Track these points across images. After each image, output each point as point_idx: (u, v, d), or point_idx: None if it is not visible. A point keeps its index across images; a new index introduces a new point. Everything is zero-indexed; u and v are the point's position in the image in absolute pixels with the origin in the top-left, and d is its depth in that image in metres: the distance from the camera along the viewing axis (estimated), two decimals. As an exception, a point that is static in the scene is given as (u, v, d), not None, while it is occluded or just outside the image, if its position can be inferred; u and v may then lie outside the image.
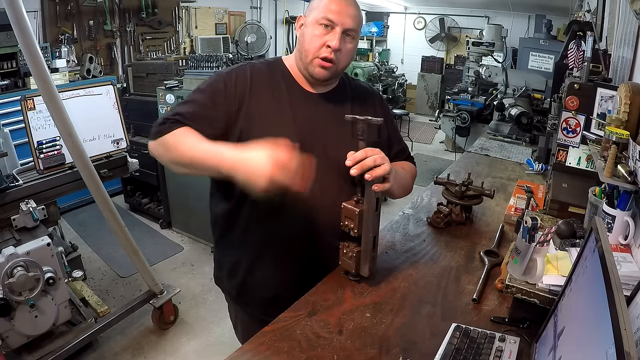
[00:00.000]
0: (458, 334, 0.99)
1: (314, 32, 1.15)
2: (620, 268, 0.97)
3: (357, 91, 1.34)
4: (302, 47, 1.19)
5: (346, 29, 1.15)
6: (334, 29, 1.14)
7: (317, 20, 1.15)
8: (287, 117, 1.19)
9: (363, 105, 1.31)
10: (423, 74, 8.99)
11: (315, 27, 1.15)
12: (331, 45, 1.14)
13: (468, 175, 1.66)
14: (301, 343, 1.00)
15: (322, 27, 1.14)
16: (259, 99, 1.18)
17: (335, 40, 1.14)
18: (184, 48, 5.72)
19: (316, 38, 1.15)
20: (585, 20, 3.21)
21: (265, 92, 1.20)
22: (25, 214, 2.07)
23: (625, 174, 1.09)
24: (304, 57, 1.18)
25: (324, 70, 1.17)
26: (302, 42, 1.19)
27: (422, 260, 1.38)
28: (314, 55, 1.16)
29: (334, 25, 1.14)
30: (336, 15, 1.13)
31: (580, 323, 0.73)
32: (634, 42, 1.63)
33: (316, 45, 1.15)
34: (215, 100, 1.16)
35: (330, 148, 1.21)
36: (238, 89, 1.17)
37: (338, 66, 1.19)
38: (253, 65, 1.25)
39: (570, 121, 1.71)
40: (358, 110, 1.27)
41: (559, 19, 6.26)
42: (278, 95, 1.21)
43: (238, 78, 1.19)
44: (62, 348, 2.05)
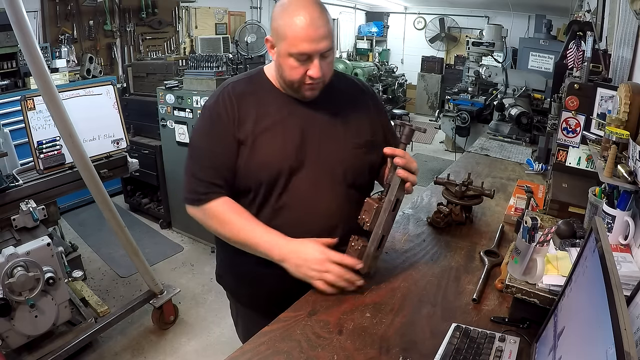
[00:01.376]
0: (458, 334, 0.99)
1: (291, 64, 1.11)
2: (620, 268, 0.97)
3: (346, 91, 1.31)
4: (284, 75, 1.15)
5: (324, 51, 1.10)
6: (311, 58, 1.10)
7: (290, 53, 1.09)
8: (279, 129, 1.18)
9: (354, 105, 1.29)
10: (423, 74, 8.99)
11: (290, 59, 1.10)
12: (313, 76, 1.11)
13: (468, 175, 1.66)
14: (301, 343, 1.00)
15: (298, 60, 1.10)
16: (250, 119, 1.17)
17: (316, 69, 1.10)
18: (184, 48, 5.72)
19: (295, 70, 1.11)
20: (585, 20, 3.21)
21: (254, 110, 1.18)
22: (25, 214, 2.07)
23: (625, 174, 1.09)
24: (289, 83, 1.16)
25: (313, 90, 1.16)
26: (281, 70, 1.15)
27: (422, 260, 1.38)
28: (299, 83, 1.14)
29: (311, 56, 1.09)
30: (310, 46, 1.07)
31: (580, 323, 0.73)
32: (634, 42, 1.63)
33: (297, 76, 1.12)
34: (219, 137, 1.18)
35: (324, 152, 1.20)
36: (230, 118, 1.17)
37: (325, 81, 1.17)
38: (235, 84, 1.23)
39: (570, 121, 1.71)
40: (349, 110, 1.26)
41: (559, 19, 6.26)
42: (267, 110, 1.19)
43: (227, 106, 1.18)
44: (62, 348, 2.05)
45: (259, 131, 1.17)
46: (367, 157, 1.27)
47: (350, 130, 1.25)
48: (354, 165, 1.24)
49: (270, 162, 1.17)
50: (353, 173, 1.24)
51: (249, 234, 1.17)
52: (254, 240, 1.16)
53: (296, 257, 1.13)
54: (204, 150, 1.20)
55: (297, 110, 1.21)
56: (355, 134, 1.25)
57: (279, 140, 1.17)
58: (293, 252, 1.14)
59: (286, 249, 1.14)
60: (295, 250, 1.14)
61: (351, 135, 1.24)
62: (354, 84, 1.36)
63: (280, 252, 1.15)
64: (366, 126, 1.28)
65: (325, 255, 1.13)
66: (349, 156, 1.23)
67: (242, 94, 1.20)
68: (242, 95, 1.20)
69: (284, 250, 1.14)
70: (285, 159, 1.17)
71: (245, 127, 1.16)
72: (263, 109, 1.19)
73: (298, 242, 1.15)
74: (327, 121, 1.22)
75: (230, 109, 1.18)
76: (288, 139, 1.18)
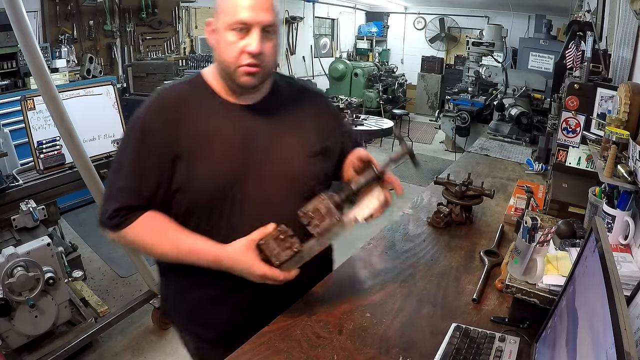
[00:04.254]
0: (458, 334, 0.99)
1: (228, 39, 0.98)
2: (620, 268, 0.97)
3: (296, 95, 1.18)
4: (220, 58, 1.02)
5: (264, 25, 0.98)
6: (250, 30, 0.97)
7: (228, 24, 0.97)
8: (222, 140, 1.04)
9: (305, 110, 1.16)
10: (423, 74, 8.99)
11: (228, 33, 0.98)
12: (251, 51, 0.97)
13: (468, 175, 1.66)
14: (301, 343, 1.00)
15: (236, 31, 0.97)
16: (188, 130, 1.02)
17: (255, 43, 0.97)
18: (184, 48, 5.71)
19: (232, 46, 0.98)
20: (585, 20, 3.21)
21: (191, 120, 1.03)
22: (25, 214, 2.07)
23: (625, 174, 1.09)
24: (226, 67, 1.02)
25: (251, 77, 1.01)
26: (219, 51, 1.02)
27: (422, 260, 1.38)
28: (236, 64, 0.99)
29: (250, 26, 0.97)
30: (249, 13, 0.96)
31: (580, 323, 0.73)
32: (634, 42, 1.63)
33: (234, 53, 0.98)
34: (149, 154, 1.02)
35: (274, 164, 1.07)
36: (164, 129, 1.02)
37: (265, 69, 1.02)
38: (169, 91, 1.09)
39: (570, 121, 1.71)
40: (300, 115, 1.14)
41: (559, 19, 6.27)
42: (207, 119, 1.05)
43: (159, 116, 1.03)
44: (62, 348, 2.05)
45: (199, 144, 1.02)
46: (323, 165, 1.14)
47: (302, 137, 1.12)
48: (309, 176, 1.11)
49: (214, 178, 1.02)
50: (308, 184, 1.10)
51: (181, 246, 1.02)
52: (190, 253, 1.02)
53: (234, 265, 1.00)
54: (130, 167, 1.03)
55: (241, 117, 1.06)
56: (308, 141, 1.12)
57: (223, 153, 1.03)
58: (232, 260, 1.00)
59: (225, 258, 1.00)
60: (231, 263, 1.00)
61: (303, 142, 1.12)
62: (303, 87, 1.24)
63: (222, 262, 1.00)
64: (319, 132, 1.15)
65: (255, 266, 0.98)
66: (303, 166, 1.10)
67: (177, 101, 1.05)
68: (178, 103, 1.05)
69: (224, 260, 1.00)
70: (231, 174, 1.03)
71: (182, 140, 1.01)
72: (202, 118, 1.04)
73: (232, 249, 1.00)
74: (276, 129, 1.09)
75: (163, 120, 1.02)
76: (233, 151, 1.04)
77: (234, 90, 1.07)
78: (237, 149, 1.05)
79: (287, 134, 1.11)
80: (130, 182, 1.03)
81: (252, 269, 0.97)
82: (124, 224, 1.02)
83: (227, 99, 1.07)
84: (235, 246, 0.99)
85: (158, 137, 1.02)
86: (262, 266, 0.97)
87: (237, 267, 0.99)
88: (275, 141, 1.09)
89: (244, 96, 1.08)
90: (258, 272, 0.97)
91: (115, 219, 1.02)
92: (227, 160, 1.04)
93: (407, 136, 6.84)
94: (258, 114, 1.08)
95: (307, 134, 1.14)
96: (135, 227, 1.03)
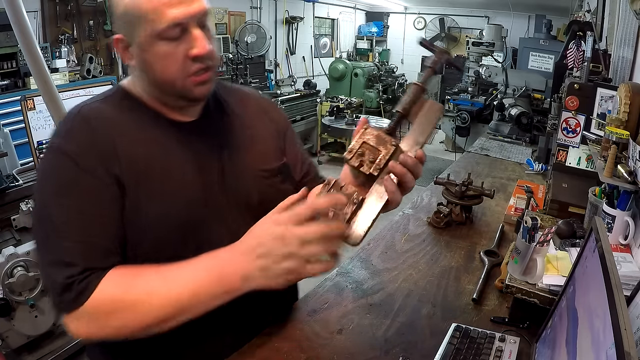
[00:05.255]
0: (458, 334, 0.99)
1: (162, 51, 0.76)
2: (620, 268, 0.97)
3: (238, 101, 0.99)
4: (156, 77, 0.79)
5: (201, 16, 0.78)
6: (187, 29, 0.76)
7: (157, 33, 0.74)
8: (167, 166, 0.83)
9: (257, 122, 0.99)
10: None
11: (160, 43, 0.75)
12: (199, 53, 0.77)
13: (468, 175, 1.66)
14: (301, 343, 1.00)
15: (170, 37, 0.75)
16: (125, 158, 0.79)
17: (200, 42, 0.77)
18: (184, 48, 5.71)
19: (170, 57, 0.76)
20: (585, 20, 3.21)
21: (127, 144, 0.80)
22: (25, 214, 2.07)
23: (625, 174, 1.09)
24: (169, 86, 0.80)
25: (205, 85, 0.82)
26: (151, 71, 0.79)
27: (422, 260, 1.38)
28: (183, 77, 0.78)
29: (185, 25, 0.76)
30: (180, 9, 0.74)
31: (580, 323, 0.73)
32: (634, 42, 1.63)
33: (177, 66, 0.77)
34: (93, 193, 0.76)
35: (234, 189, 0.89)
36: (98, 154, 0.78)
37: (215, 69, 0.84)
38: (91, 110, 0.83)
39: (570, 121, 1.71)
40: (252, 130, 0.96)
41: (559, 19, 6.26)
42: (145, 142, 0.82)
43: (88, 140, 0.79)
44: (62, 348, 2.05)
45: (142, 177, 0.80)
46: (284, 185, 0.97)
47: (258, 154, 0.95)
48: (271, 200, 0.83)
49: (169, 220, 0.81)
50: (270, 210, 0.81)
51: (180, 283, 0.72)
52: (194, 286, 0.72)
53: (252, 256, 0.71)
54: (67, 217, 0.75)
55: (188, 139, 0.86)
56: (265, 158, 0.96)
57: (174, 189, 0.82)
58: (244, 253, 0.72)
59: (235, 257, 0.72)
60: (245, 250, 0.72)
61: (261, 160, 0.95)
62: (243, 92, 1.05)
63: (234, 266, 0.72)
64: (276, 147, 1.00)
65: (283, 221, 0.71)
66: (264, 190, 0.93)
67: (104, 123, 0.81)
68: (106, 125, 0.80)
69: (234, 260, 0.72)
70: (187, 214, 0.83)
71: (122, 173, 0.78)
72: (141, 143, 0.82)
73: (238, 242, 0.74)
74: (228, 148, 0.91)
75: (92, 143, 0.78)
76: (187, 185, 0.84)
77: (173, 105, 0.86)
78: (191, 181, 0.84)
79: (241, 153, 0.92)
80: (76, 234, 0.74)
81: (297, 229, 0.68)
82: (87, 291, 0.71)
83: (168, 116, 0.86)
84: (259, 223, 0.74)
85: (90, 165, 0.76)
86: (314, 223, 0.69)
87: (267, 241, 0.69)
88: (229, 164, 0.90)
89: (185, 110, 0.87)
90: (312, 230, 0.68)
91: (72, 291, 0.71)
92: (180, 198, 0.82)
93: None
94: (205, 131, 0.89)
95: (263, 149, 0.96)
96: (104, 291, 0.72)
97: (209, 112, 0.91)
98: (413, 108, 0.76)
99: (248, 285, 0.71)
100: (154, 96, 0.85)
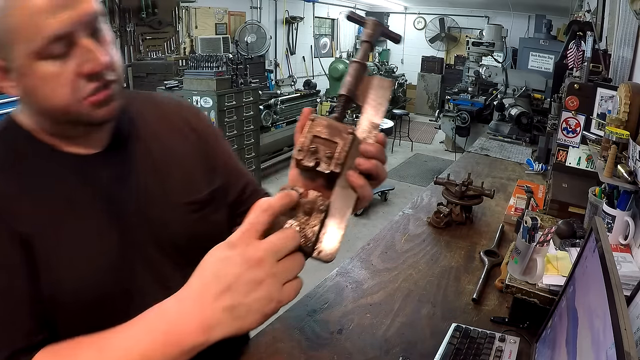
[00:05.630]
0: (458, 334, 0.99)
1: (47, 72, 0.59)
2: (620, 268, 0.97)
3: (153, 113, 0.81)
4: (44, 105, 0.63)
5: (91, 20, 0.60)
6: (75, 41, 0.59)
7: (36, 52, 0.58)
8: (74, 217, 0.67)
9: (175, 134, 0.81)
10: (423, 74, 9.00)
11: (41, 64, 0.59)
12: (95, 70, 0.61)
13: (468, 175, 1.66)
14: (301, 343, 1.00)
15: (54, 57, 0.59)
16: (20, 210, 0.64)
17: (94, 55, 0.60)
18: (184, 48, 5.72)
19: (57, 80, 0.60)
20: (585, 20, 3.21)
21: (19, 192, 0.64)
22: None
23: (625, 174, 1.09)
24: (60, 114, 0.63)
25: (109, 104, 0.65)
26: (35, 100, 0.63)
27: (422, 260, 1.38)
28: (77, 102, 0.62)
29: (73, 36, 0.59)
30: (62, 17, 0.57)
31: (580, 323, 0.73)
32: (634, 42, 1.63)
33: (67, 90, 0.61)
34: None
35: (158, 234, 0.74)
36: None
37: (119, 82, 0.67)
38: None
39: (570, 121, 1.71)
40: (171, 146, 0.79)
41: (559, 19, 6.27)
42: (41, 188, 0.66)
43: None
44: (62, 348, 2.05)
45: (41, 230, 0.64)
46: (217, 215, 0.82)
47: (183, 185, 0.78)
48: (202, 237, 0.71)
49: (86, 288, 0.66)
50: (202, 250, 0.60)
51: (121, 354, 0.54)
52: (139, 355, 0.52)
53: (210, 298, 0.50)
54: None
55: (91, 174, 0.69)
56: (191, 188, 0.79)
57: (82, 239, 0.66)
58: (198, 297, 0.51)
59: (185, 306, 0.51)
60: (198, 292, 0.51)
61: (186, 192, 0.78)
62: (166, 106, 0.85)
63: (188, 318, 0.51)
64: (204, 169, 0.82)
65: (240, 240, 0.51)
66: (191, 225, 0.77)
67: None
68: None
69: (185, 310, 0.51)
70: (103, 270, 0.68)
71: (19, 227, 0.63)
72: (35, 188, 0.66)
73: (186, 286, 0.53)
74: (145, 180, 0.74)
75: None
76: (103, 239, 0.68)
77: (70, 135, 0.68)
78: (107, 233, 0.69)
79: (164, 185, 0.75)
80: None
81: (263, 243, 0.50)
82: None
83: (67, 150, 0.69)
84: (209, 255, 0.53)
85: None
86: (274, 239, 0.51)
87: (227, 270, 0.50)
88: (150, 203, 0.73)
89: (88, 140, 0.70)
90: (281, 237, 0.51)
91: None
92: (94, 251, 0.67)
93: (407, 136, 6.85)
94: (116, 164, 0.72)
95: (189, 175, 0.79)
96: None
97: (119, 137, 0.73)
98: (358, 88, 0.64)
99: (214, 336, 0.51)
100: (46, 128, 0.67)
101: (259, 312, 0.51)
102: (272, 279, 0.50)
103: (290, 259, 0.52)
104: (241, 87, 4.08)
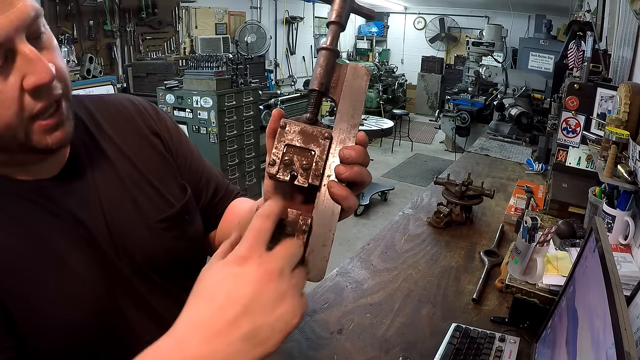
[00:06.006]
0: (458, 334, 0.99)
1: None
2: (620, 268, 0.97)
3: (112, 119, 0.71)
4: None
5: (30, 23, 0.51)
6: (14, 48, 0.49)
7: None
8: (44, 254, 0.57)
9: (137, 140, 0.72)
10: (423, 74, 9.00)
11: None
12: (41, 82, 0.50)
13: (468, 175, 1.66)
14: (301, 343, 1.00)
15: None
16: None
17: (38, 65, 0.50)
18: (184, 48, 5.71)
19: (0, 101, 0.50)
20: (585, 20, 3.21)
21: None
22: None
23: (625, 174, 1.09)
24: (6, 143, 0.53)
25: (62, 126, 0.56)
26: None
27: (422, 260, 1.38)
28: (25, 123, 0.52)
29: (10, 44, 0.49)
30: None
31: (580, 323, 0.73)
32: (634, 42, 1.63)
33: (11, 110, 0.50)
34: None
35: (133, 259, 0.66)
36: None
37: (69, 94, 0.58)
38: None
39: (570, 121, 1.71)
40: (134, 156, 0.70)
41: (559, 19, 6.27)
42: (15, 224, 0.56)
43: None
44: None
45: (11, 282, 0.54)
46: (194, 227, 0.76)
47: (153, 201, 0.70)
48: (182, 255, 0.71)
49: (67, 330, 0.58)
50: (184, 266, 0.70)
51: None
52: None
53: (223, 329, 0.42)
54: None
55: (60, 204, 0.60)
56: (161, 204, 0.71)
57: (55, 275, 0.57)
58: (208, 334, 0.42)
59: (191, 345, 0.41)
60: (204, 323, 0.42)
61: (156, 209, 0.70)
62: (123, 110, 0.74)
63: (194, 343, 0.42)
64: (171, 177, 0.75)
65: (247, 251, 0.44)
66: (169, 244, 0.70)
67: None
68: None
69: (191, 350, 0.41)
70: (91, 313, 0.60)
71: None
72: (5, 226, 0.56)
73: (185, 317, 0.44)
74: (112, 202, 0.65)
75: None
76: (78, 268, 0.59)
77: (25, 161, 0.58)
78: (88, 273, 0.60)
79: (135, 204, 0.68)
80: None
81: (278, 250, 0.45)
82: None
83: (19, 178, 0.58)
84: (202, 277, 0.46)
85: None
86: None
87: (241, 290, 0.43)
88: (120, 227, 0.65)
89: (42, 164, 0.60)
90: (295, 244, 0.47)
91: None
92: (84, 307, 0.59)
93: (407, 136, 6.85)
94: (79, 186, 0.63)
95: (157, 190, 0.71)
96: None
97: (77, 155, 0.64)
98: (331, 80, 0.56)
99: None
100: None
101: (282, 331, 0.44)
102: (294, 289, 0.45)
103: (297, 267, 0.47)
104: (241, 87, 4.08)
